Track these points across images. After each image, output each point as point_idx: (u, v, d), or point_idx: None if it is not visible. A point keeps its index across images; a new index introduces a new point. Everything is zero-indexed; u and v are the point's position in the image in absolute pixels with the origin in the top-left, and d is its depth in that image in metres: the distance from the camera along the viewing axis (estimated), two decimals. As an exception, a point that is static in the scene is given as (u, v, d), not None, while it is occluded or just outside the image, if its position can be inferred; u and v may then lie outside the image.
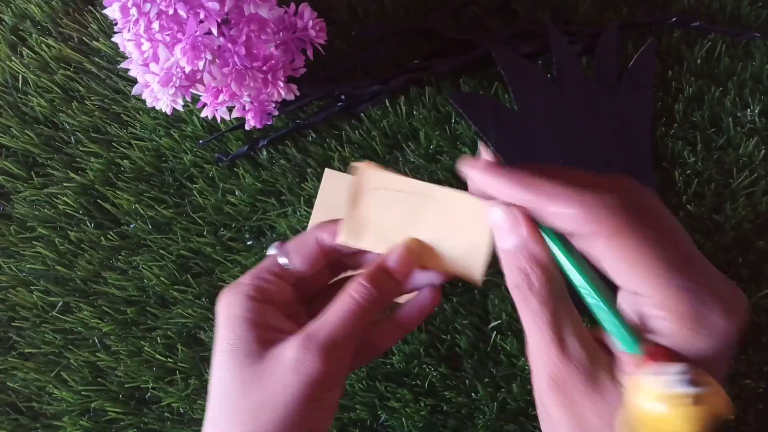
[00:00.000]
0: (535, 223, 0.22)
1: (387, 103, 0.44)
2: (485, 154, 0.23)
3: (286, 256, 0.27)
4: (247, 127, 0.41)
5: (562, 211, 0.20)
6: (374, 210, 0.26)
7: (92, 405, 0.42)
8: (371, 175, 0.26)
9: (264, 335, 0.24)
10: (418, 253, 0.26)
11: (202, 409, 0.41)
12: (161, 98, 0.37)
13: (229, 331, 0.25)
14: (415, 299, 0.28)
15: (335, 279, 0.29)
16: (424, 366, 0.40)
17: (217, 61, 0.36)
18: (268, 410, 0.23)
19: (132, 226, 0.44)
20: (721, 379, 0.20)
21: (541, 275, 0.22)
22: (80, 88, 0.46)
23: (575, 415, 0.21)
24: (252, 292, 0.25)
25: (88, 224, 0.44)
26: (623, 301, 0.22)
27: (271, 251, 0.27)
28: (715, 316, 0.20)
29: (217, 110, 0.39)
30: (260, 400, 0.23)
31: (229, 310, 0.25)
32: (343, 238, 0.26)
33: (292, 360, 0.23)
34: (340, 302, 0.25)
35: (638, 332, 0.21)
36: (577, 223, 0.20)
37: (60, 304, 0.43)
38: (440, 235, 0.26)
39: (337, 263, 0.28)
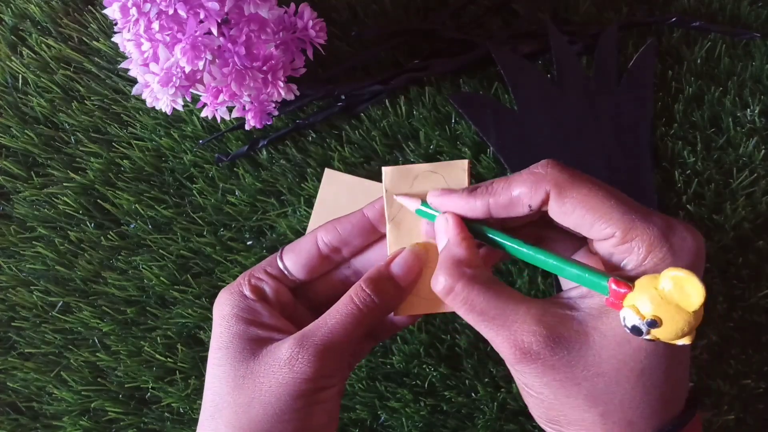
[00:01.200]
0: (462, 227, 0.24)
1: (387, 103, 0.44)
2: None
3: (284, 259, 0.26)
4: (247, 127, 0.41)
5: (514, 195, 0.22)
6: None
7: (92, 405, 0.42)
8: (460, 175, 0.26)
9: (258, 333, 0.24)
10: (425, 259, 0.26)
11: (202, 409, 0.41)
12: (161, 98, 0.37)
13: (223, 328, 0.25)
14: None
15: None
16: (424, 366, 0.40)
17: (217, 61, 0.36)
18: (261, 405, 0.23)
19: (132, 226, 0.44)
20: None
21: (462, 282, 0.23)
22: (80, 88, 0.46)
23: (549, 377, 0.22)
24: (246, 290, 0.25)
25: (88, 224, 0.44)
26: (588, 258, 0.24)
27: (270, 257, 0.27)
28: (679, 237, 0.21)
29: (217, 110, 0.39)
30: (253, 395, 0.23)
31: (224, 308, 0.25)
32: (389, 180, 0.26)
33: (286, 357, 0.23)
34: (341, 305, 0.24)
35: (604, 273, 0.22)
36: (528, 197, 0.22)
37: (60, 304, 0.43)
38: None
39: (343, 264, 0.28)
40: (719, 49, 0.43)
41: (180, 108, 0.38)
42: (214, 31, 0.35)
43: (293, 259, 0.26)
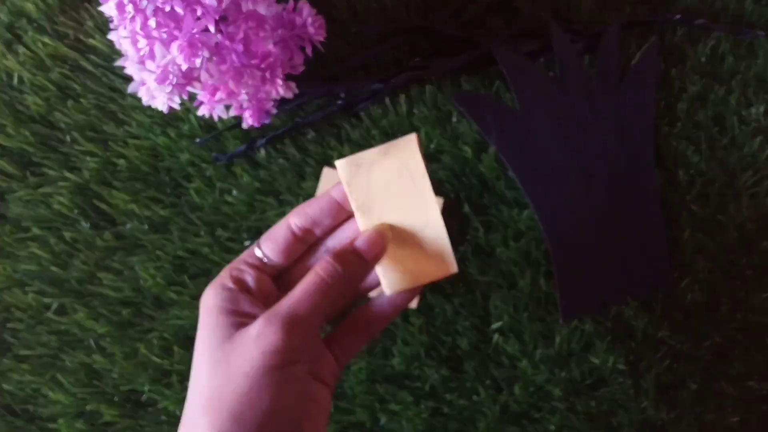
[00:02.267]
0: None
1: (387, 102, 0.43)
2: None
3: (262, 247, 0.28)
4: (244, 126, 0.40)
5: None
6: (384, 183, 0.27)
7: (87, 407, 0.41)
8: (412, 151, 0.27)
9: (237, 321, 0.25)
10: (389, 240, 0.27)
11: (199, 412, 0.40)
12: (157, 96, 0.37)
13: (204, 320, 0.26)
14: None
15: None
16: (424, 368, 0.40)
17: (214, 58, 0.36)
18: (232, 384, 0.23)
19: (128, 226, 0.43)
20: None
21: None
22: (76, 86, 0.45)
23: None
24: (226, 281, 0.26)
25: (84, 224, 0.44)
26: None
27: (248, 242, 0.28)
28: None
29: (214, 108, 0.38)
30: (226, 377, 0.24)
31: (207, 301, 0.26)
32: (345, 173, 0.27)
33: (255, 334, 0.24)
34: (306, 278, 0.25)
35: None
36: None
37: (55, 306, 0.43)
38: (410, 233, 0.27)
39: (320, 246, 0.29)
40: (723, 47, 0.43)
41: (177, 106, 0.37)
42: (212, 28, 0.34)
43: (270, 246, 0.28)
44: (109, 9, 0.34)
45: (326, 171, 0.42)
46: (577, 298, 0.40)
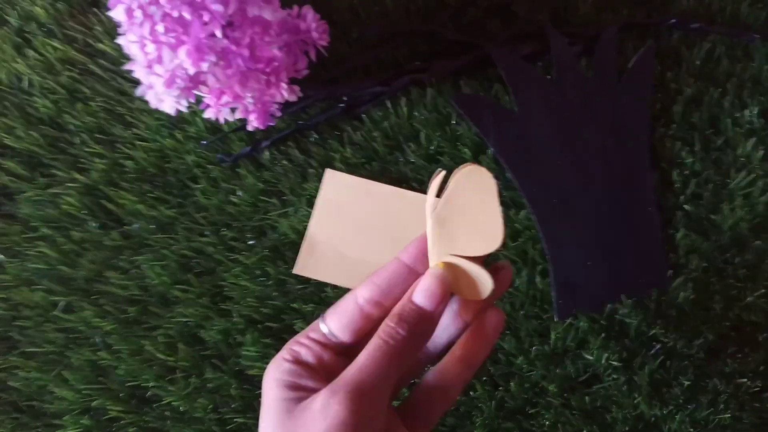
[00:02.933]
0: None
1: (388, 104, 0.44)
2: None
3: (327, 322, 0.25)
4: (249, 128, 0.41)
5: None
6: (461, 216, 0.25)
7: (93, 404, 0.42)
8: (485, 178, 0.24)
9: (298, 395, 0.24)
10: (451, 279, 0.24)
11: (203, 408, 0.41)
12: (165, 100, 0.37)
13: (266, 393, 0.24)
14: (482, 325, 0.26)
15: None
16: (424, 365, 0.40)
17: (220, 62, 0.36)
18: None
19: (135, 226, 0.44)
20: None
21: None
22: (85, 89, 0.46)
23: None
24: (286, 355, 0.25)
25: (92, 224, 0.45)
26: None
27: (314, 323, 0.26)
28: None
29: (220, 111, 0.39)
30: None
31: (268, 374, 0.25)
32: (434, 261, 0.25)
33: (319, 407, 0.22)
34: (369, 344, 0.24)
35: None
36: None
37: (62, 304, 0.44)
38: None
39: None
40: (718, 50, 0.44)
41: (184, 109, 0.38)
42: (218, 33, 0.35)
43: (335, 321, 0.25)
44: (117, 14, 0.35)
45: (328, 173, 0.43)
46: (572, 297, 0.40)
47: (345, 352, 0.26)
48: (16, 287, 0.44)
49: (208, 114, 0.40)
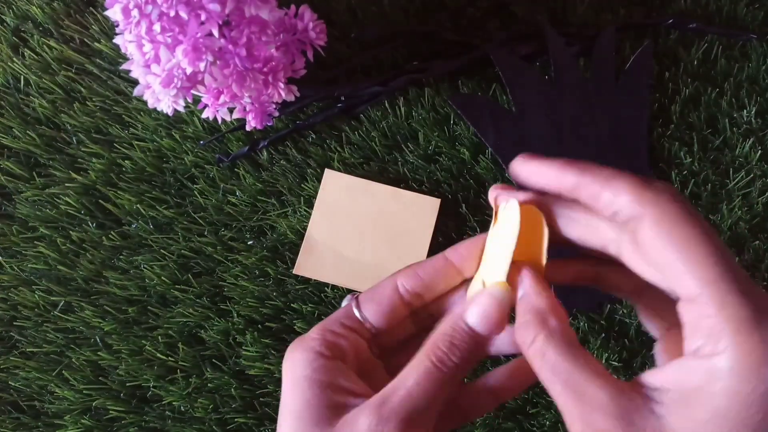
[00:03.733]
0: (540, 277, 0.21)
1: (386, 104, 0.44)
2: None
3: (361, 307, 0.24)
4: (247, 128, 0.41)
5: (609, 189, 0.19)
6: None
7: (93, 404, 0.42)
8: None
9: (334, 399, 0.21)
10: (509, 300, 0.21)
11: (203, 408, 0.41)
12: (162, 99, 0.37)
13: (295, 394, 0.22)
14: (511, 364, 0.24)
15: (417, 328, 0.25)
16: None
17: (218, 62, 0.36)
18: None
19: (133, 226, 0.44)
20: None
21: (544, 335, 0.20)
22: (82, 89, 0.46)
23: None
24: (321, 347, 0.22)
25: (90, 224, 0.45)
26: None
27: (345, 302, 0.24)
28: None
29: (218, 111, 0.39)
30: None
31: (296, 369, 0.22)
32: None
33: (365, 430, 0.20)
34: (417, 365, 0.21)
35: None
36: (624, 203, 0.19)
37: (62, 304, 0.44)
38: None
39: (421, 309, 0.25)
40: (716, 50, 0.44)
41: (181, 109, 0.38)
42: (215, 32, 0.35)
43: (373, 309, 0.24)
44: (114, 13, 0.35)
45: (328, 173, 0.43)
46: (571, 296, 0.40)
47: (374, 341, 0.24)
48: (16, 287, 0.44)
49: (206, 114, 0.39)
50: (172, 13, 0.34)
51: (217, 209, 0.44)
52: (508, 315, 0.22)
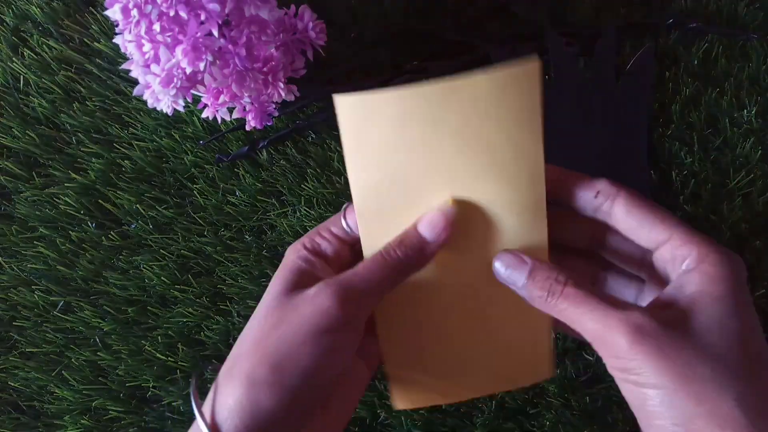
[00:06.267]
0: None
1: (386, 104, 0.44)
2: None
3: (347, 218, 0.27)
4: (247, 128, 0.41)
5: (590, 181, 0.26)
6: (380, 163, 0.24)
7: (93, 404, 0.42)
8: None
9: (306, 281, 0.25)
10: (457, 217, 0.25)
11: (203, 408, 0.41)
12: (162, 99, 0.37)
13: (279, 271, 0.26)
14: None
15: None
16: (423, 365, 0.40)
17: (217, 62, 0.36)
18: (277, 333, 0.24)
19: (133, 226, 0.44)
20: None
21: (559, 286, 0.24)
22: (81, 89, 0.46)
23: (663, 364, 0.20)
24: (309, 244, 0.27)
25: (89, 224, 0.44)
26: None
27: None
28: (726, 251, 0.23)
29: (217, 111, 0.39)
30: (274, 325, 0.24)
31: (286, 256, 0.27)
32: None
33: (311, 294, 0.24)
34: (371, 257, 0.26)
35: None
36: (603, 186, 0.25)
37: (61, 304, 0.44)
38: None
39: None
40: (716, 50, 0.44)
41: (181, 109, 0.38)
42: (215, 32, 0.35)
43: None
44: (113, 13, 0.35)
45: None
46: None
47: (358, 251, 0.27)
48: (15, 287, 0.44)
49: (206, 114, 0.39)
50: (172, 13, 0.34)
51: (217, 209, 0.44)
52: (451, 226, 0.25)
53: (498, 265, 0.26)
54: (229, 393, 0.24)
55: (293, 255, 0.27)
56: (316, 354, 0.24)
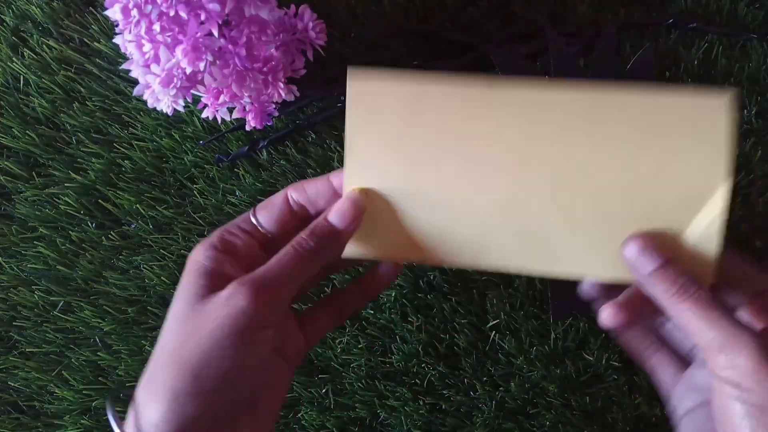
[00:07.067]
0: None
1: (386, 104, 0.44)
2: None
3: (258, 215, 0.28)
4: (247, 128, 0.41)
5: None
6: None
7: (93, 404, 0.42)
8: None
9: (216, 282, 0.25)
10: (365, 205, 0.26)
11: (203, 408, 0.41)
12: (162, 99, 0.37)
13: (185, 276, 0.26)
14: (378, 269, 0.30)
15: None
16: (422, 365, 0.40)
17: (217, 62, 0.36)
18: (194, 341, 0.24)
19: (133, 226, 0.44)
20: None
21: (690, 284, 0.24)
22: (81, 89, 0.46)
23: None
24: (216, 243, 0.27)
25: (89, 224, 0.44)
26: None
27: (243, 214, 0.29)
28: None
29: (217, 111, 0.39)
30: (190, 333, 0.24)
31: (192, 258, 0.26)
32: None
33: (225, 296, 0.24)
34: (282, 250, 0.26)
35: None
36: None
37: (61, 304, 0.44)
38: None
39: (308, 219, 0.29)
40: (716, 50, 0.44)
41: (181, 109, 0.38)
42: (215, 32, 0.35)
43: (266, 215, 0.28)
44: (113, 13, 0.35)
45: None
46: (568, 297, 0.40)
47: (268, 245, 0.28)
48: (15, 287, 0.44)
49: (206, 114, 0.39)
50: (172, 13, 0.34)
51: (217, 209, 0.44)
52: (360, 215, 0.26)
53: (633, 244, 0.25)
54: (152, 408, 0.23)
55: (199, 256, 0.26)
56: (236, 355, 0.23)
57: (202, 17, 0.34)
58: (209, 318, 0.24)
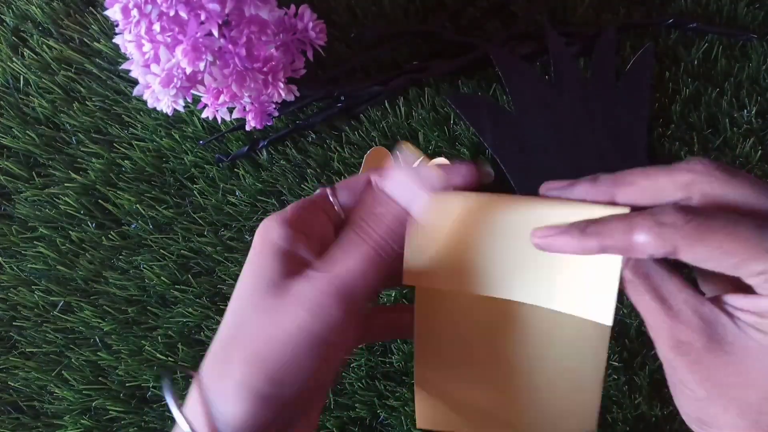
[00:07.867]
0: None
1: (386, 104, 0.44)
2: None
3: (335, 193, 0.25)
4: (247, 128, 0.41)
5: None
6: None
7: (93, 404, 0.42)
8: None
9: (290, 267, 0.23)
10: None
11: (203, 408, 0.41)
12: (162, 99, 0.37)
13: (257, 256, 0.23)
14: None
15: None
16: (423, 365, 0.40)
17: (217, 62, 0.36)
18: (274, 339, 0.22)
19: (133, 226, 0.44)
20: None
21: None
22: (81, 89, 0.46)
23: (703, 375, 0.21)
24: (291, 220, 0.24)
25: (89, 224, 0.44)
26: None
27: (318, 191, 0.26)
28: None
29: (217, 111, 0.39)
30: (266, 326, 0.22)
31: (265, 234, 0.24)
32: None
33: (311, 301, 0.22)
34: (359, 247, 0.23)
35: None
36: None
37: (61, 304, 0.44)
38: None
39: None
40: (716, 50, 0.44)
41: (181, 109, 0.38)
42: (215, 32, 0.35)
43: (347, 195, 0.25)
44: (114, 13, 0.35)
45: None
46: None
47: (339, 224, 0.26)
48: (15, 287, 0.44)
49: (206, 114, 0.39)
50: (172, 13, 0.34)
51: (217, 209, 0.44)
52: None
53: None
54: (230, 406, 0.22)
55: (273, 234, 0.23)
56: (313, 367, 0.22)
57: (202, 17, 0.34)
58: (290, 318, 0.22)
